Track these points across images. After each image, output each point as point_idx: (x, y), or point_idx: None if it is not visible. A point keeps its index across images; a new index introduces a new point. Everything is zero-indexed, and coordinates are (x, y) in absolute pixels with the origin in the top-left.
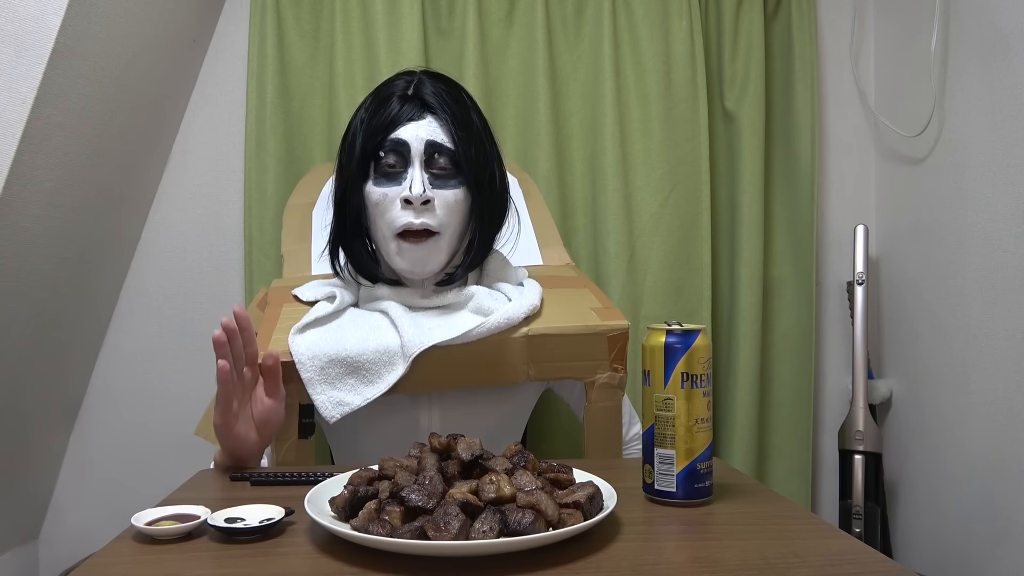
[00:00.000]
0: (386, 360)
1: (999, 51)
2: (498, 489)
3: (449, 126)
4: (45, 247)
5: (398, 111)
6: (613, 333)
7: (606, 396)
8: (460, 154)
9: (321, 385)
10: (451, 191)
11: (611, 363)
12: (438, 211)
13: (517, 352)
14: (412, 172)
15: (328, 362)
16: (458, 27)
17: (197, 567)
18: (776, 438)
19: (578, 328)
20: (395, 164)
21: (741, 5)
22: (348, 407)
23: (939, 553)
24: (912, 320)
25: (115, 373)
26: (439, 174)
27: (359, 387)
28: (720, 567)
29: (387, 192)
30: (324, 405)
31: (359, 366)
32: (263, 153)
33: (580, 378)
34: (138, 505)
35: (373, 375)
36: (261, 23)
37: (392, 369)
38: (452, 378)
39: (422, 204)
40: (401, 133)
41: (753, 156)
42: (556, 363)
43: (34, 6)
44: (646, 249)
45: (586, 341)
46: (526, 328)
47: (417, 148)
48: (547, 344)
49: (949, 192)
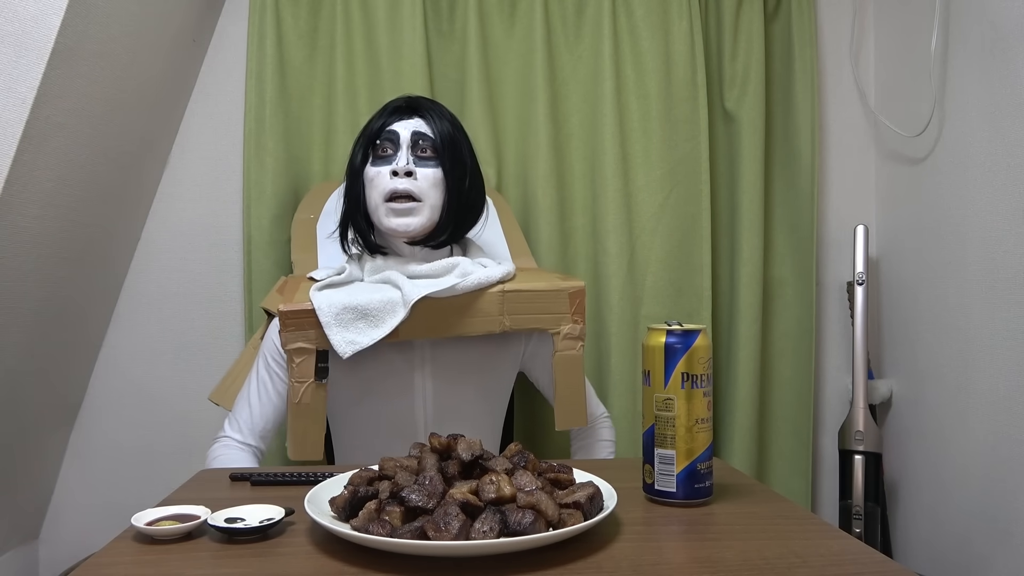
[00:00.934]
0: (390, 308)
1: (999, 51)
2: (498, 489)
3: (432, 123)
4: (45, 247)
5: (392, 116)
6: (572, 290)
7: (569, 345)
8: (439, 143)
9: (337, 328)
10: (431, 169)
11: (571, 315)
12: (420, 182)
13: (495, 305)
14: (400, 153)
15: (342, 309)
16: (459, 27)
17: (197, 567)
18: (776, 438)
19: (544, 286)
20: (387, 149)
21: (741, 5)
22: (359, 345)
23: (939, 553)
24: (912, 320)
25: (115, 373)
26: (422, 156)
27: (367, 329)
28: (720, 567)
29: (380, 170)
30: (339, 344)
31: (368, 312)
32: (262, 153)
33: (546, 328)
34: (138, 505)
35: (379, 320)
36: (260, 23)
37: (395, 314)
38: (443, 326)
39: (406, 175)
40: (393, 127)
41: (753, 156)
42: (527, 315)
43: (34, 6)
44: (646, 249)
45: (551, 297)
46: (502, 286)
47: (405, 136)
48: (519, 299)
49: (949, 192)
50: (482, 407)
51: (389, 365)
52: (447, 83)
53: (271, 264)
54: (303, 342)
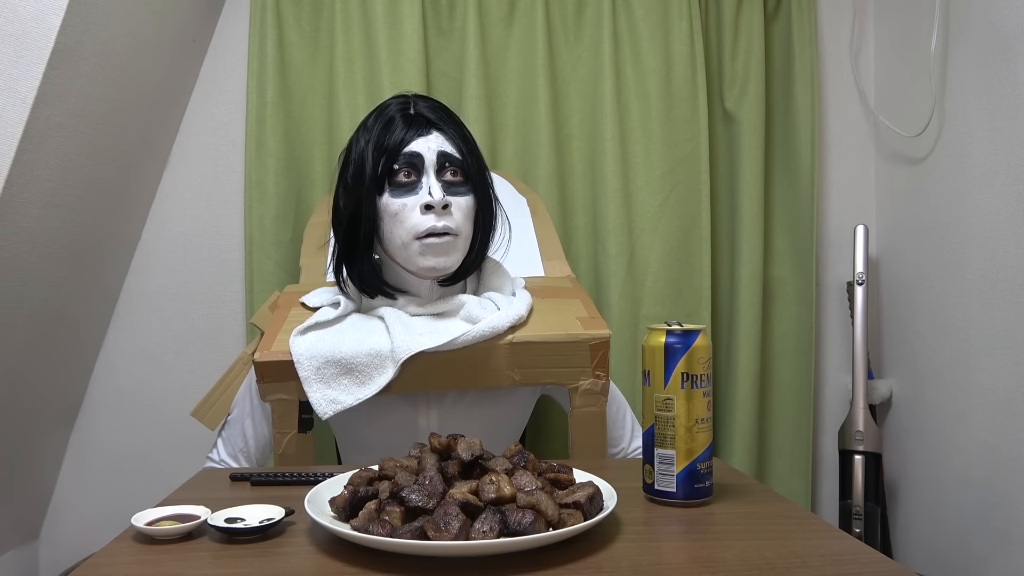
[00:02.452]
0: (377, 363)
1: (999, 51)
2: (498, 489)
3: (455, 139)
4: (45, 247)
5: (406, 129)
6: (594, 342)
7: (589, 402)
8: (468, 165)
9: (317, 384)
10: (463, 198)
11: (593, 370)
12: (455, 215)
13: (502, 358)
14: (427, 181)
15: (324, 363)
16: (458, 27)
17: (197, 567)
18: (776, 438)
19: (561, 336)
20: (410, 175)
21: (741, 5)
22: (341, 405)
23: (939, 553)
24: (912, 320)
25: (115, 373)
26: (451, 182)
27: (352, 387)
28: (720, 567)
29: (406, 202)
30: (319, 403)
31: (352, 367)
32: (263, 153)
33: (563, 384)
34: (138, 505)
35: (365, 376)
36: (261, 23)
37: (383, 372)
38: (440, 381)
39: (442, 208)
40: (413, 147)
41: (753, 156)
42: (540, 369)
43: (34, 6)
44: (646, 249)
45: (568, 349)
46: (511, 336)
47: (430, 159)
48: (531, 351)
49: (949, 192)
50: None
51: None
52: (447, 82)
53: (273, 265)
54: (283, 394)
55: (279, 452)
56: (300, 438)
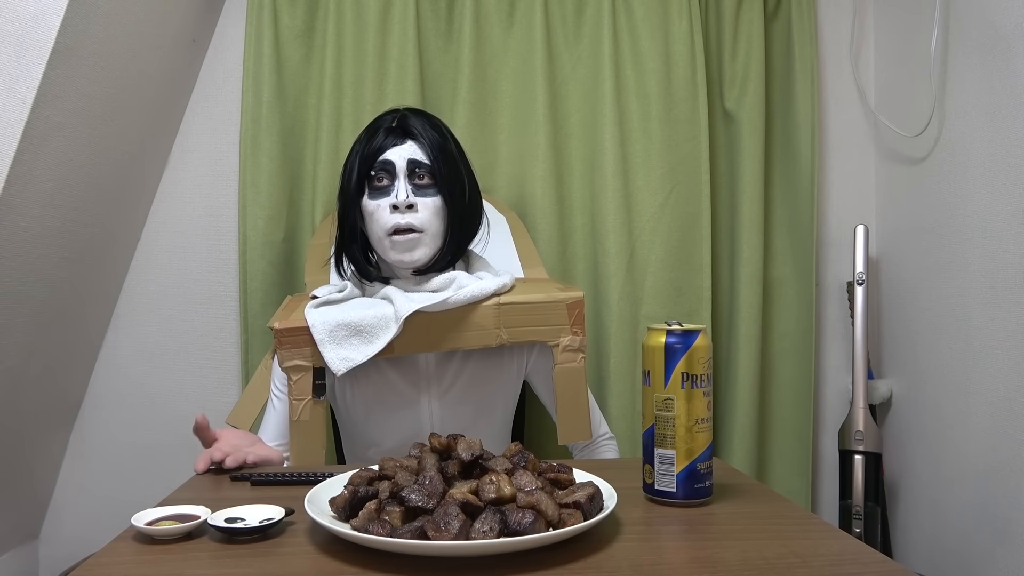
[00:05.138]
0: (383, 324)
1: (999, 51)
2: (498, 489)
3: (427, 148)
4: (45, 247)
5: (384, 140)
6: (570, 301)
7: (569, 357)
8: (436, 169)
9: (330, 345)
10: (430, 198)
11: (571, 327)
12: (421, 213)
13: (490, 318)
14: (398, 184)
15: (336, 326)
16: (456, 27)
17: (197, 567)
18: (776, 438)
19: (541, 298)
20: (384, 180)
21: (741, 5)
22: (353, 362)
23: (939, 553)
24: (912, 320)
25: (115, 373)
26: (420, 185)
27: (361, 346)
28: (720, 567)
29: (379, 203)
30: (333, 361)
31: (361, 328)
32: (258, 153)
33: (545, 341)
34: (138, 505)
35: (372, 335)
36: (257, 23)
37: (387, 330)
38: (437, 340)
39: (407, 208)
40: (388, 155)
41: (753, 156)
42: (524, 328)
43: (34, 6)
44: (646, 249)
45: (548, 308)
46: (498, 299)
47: (401, 165)
48: (515, 311)
49: (949, 192)
50: (489, 421)
51: (394, 386)
52: (444, 82)
53: (266, 264)
54: (299, 359)
55: (295, 419)
56: (314, 404)
